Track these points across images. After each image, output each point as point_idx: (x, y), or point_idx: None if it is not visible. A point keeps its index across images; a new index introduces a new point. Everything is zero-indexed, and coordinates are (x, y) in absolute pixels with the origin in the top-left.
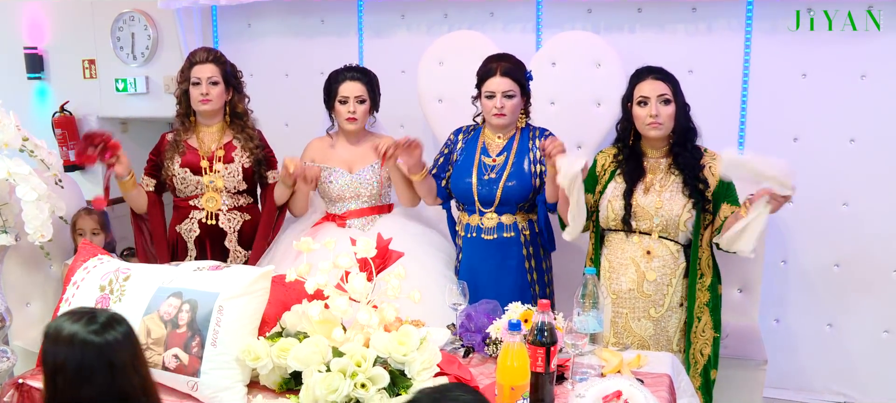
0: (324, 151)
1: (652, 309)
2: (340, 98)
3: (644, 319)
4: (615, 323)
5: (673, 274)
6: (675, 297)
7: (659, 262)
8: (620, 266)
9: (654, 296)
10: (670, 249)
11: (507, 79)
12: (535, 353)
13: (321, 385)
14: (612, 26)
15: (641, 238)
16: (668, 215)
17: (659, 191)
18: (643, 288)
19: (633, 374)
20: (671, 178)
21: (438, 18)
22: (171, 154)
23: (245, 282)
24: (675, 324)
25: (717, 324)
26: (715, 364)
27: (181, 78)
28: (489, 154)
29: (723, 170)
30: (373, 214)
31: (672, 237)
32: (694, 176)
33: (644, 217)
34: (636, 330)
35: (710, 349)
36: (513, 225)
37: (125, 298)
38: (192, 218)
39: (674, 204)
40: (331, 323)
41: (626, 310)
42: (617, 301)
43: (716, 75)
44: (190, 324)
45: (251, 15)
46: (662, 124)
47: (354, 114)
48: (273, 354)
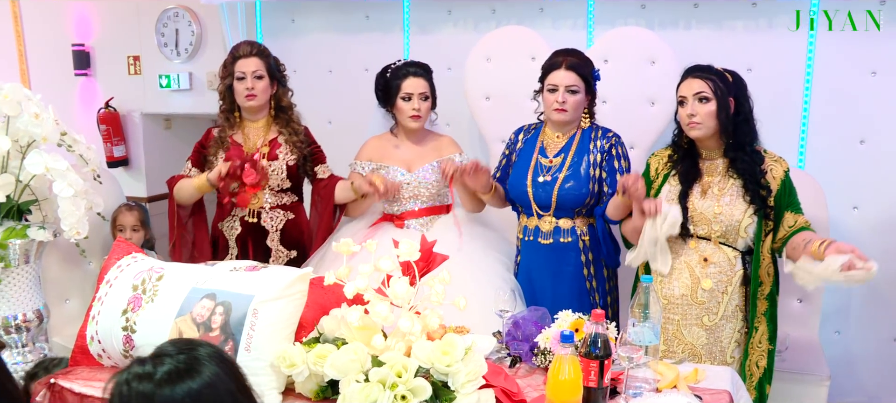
0: (381, 150)
1: (705, 317)
2: (403, 95)
3: (696, 327)
4: (665, 330)
5: (729, 282)
6: (730, 305)
7: (715, 269)
8: (674, 270)
9: (708, 304)
10: (728, 256)
11: (573, 74)
12: (588, 367)
13: (359, 397)
14: (666, 22)
15: (698, 243)
16: (728, 221)
17: (717, 196)
18: (697, 296)
19: (691, 390)
20: (730, 182)
21: (486, 14)
22: (215, 150)
23: (282, 285)
24: (730, 334)
25: (773, 336)
26: (769, 378)
27: (224, 73)
28: (547, 154)
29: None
30: (432, 215)
31: (731, 243)
32: (755, 181)
33: (702, 222)
34: (688, 339)
35: (765, 361)
36: (571, 231)
37: (158, 298)
38: (234, 215)
39: (734, 209)
40: (371, 329)
41: (678, 317)
42: (668, 306)
43: (777, 74)
44: (223, 327)
45: (295, 10)
46: (701, 123)
47: (419, 111)
48: (309, 361)
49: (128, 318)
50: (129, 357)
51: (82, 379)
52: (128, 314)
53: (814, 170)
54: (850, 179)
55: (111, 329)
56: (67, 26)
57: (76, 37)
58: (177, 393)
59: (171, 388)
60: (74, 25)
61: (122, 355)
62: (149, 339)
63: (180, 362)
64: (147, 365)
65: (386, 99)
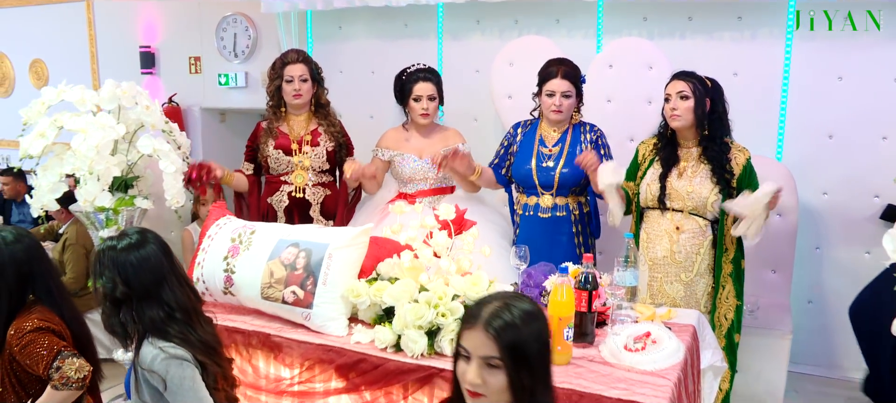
0: (398, 140)
1: (682, 273)
2: (415, 96)
3: (676, 282)
4: (651, 286)
5: (701, 245)
6: (702, 264)
7: (687, 235)
8: (656, 237)
9: (684, 263)
10: (699, 224)
11: (566, 82)
12: (580, 296)
13: (411, 314)
14: (664, 33)
15: (674, 215)
16: (697, 197)
17: (690, 177)
18: (675, 256)
19: (663, 323)
20: (701, 166)
21: (510, 24)
22: (265, 138)
23: (350, 236)
24: (703, 289)
25: (739, 293)
26: (738, 328)
27: (274, 75)
28: (546, 144)
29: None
30: (438, 194)
31: (701, 214)
32: (721, 167)
33: (677, 198)
34: (669, 292)
35: (733, 314)
36: (565, 206)
37: (252, 247)
38: (282, 191)
39: (703, 188)
40: (418, 269)
41: (661, 275)
42: (653, 266)
43: (758, 78)
44: (305, 267)
45: (342, 19)
46: (680, 116)
47: (427, 110)
48: (371, 293)
49: (228, 263)
50: (229, 293)
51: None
52: (228, 259)
53: (789, 161)
54: (820, 169)
55: (214, 271)
56: (135, 30)
57: (143, 39)
58: (130, 257)
59: (126, 254)
60: (142, 30)
61: (222, 291)
62: (245, 278)
63: (133, 238)
64: (114, 240)
65: (401, 98)
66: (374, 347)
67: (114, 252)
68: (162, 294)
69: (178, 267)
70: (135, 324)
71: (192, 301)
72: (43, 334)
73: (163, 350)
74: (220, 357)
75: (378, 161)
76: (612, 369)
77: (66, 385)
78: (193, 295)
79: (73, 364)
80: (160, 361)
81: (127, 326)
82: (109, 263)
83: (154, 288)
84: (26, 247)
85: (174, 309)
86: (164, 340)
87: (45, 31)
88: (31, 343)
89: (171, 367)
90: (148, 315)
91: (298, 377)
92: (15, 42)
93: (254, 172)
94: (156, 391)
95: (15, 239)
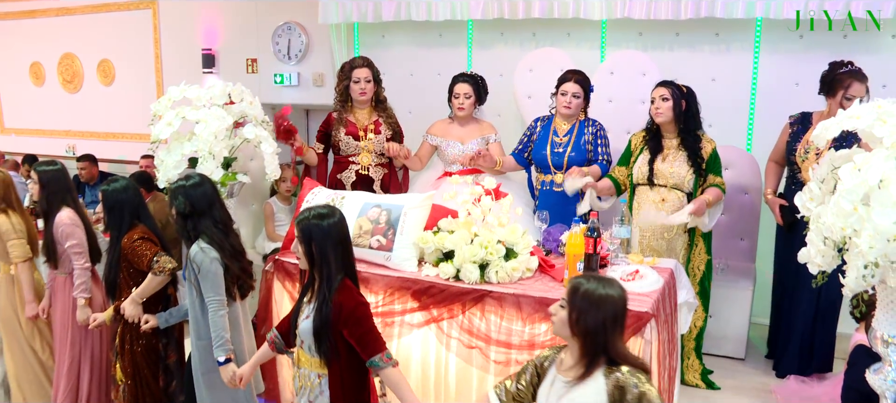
0: (444, 129)
1: (665, 233)
2: (455, 94)
3: (661, 240)
4: (640, 243)
5: (679, 211)
6: (680, 226)
7: (669, 204)
8: (643, 205)
9: (668, 224)
10: (678, 196)
11: (577, 86)
12: (588, 242)
13: (468, 252)
14: (655, 46)
15: (659, 189)
16: (676, 176)
17: (671, 161)
18: (659, 220)
19: (648, 267)
20: (680, 153)
21: (528, 36)
22: (337, 126)
23: (419, 199)
24: (681, 245)
25: (709, 249)
26: (709, 278)
27: (343, 76)
28: (558, 135)
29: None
30: (474, 173)
31: (680, 189)
32: (695, 153)
33: (661, 177)
34: (655, 247)
35: (704, 266)
36: None
37: (344, 208)
38: (350, 169)
39: (680, 169)
40: (471, 223)
41: (648, 234)
42: (643, 228)
43: (732, 83)
44: (386, 222)
45: (385, 30)
46: (662, 114)
47: (463, 106)
48: (436, 241)
49: None
50: None
51: (292, 256)
52: None
53: (757, 150)
54: None
55: None
56: (197, 34)
57: (204, 43)
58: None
59: (191, 187)
60: (203, 34)
61: None
62: None
63: (195, 178)
64: (183, 179)
65: (448, 97)
66: (440, 278)
67: (184, 184)
68: (212, 213)
69: (220, 200)
70: (193, 230)
71: (228, 223)
72: (146, 242)
73: (203, 249)
74: (242, 261)
75: (427, 145)
76: None
77: (162, 273)
78: (228, 221)
79: (166, 259)
80: (199, 255)
81: (189, 232)
82: (181, 192)
83: (206, 209)
84: (133, 192)
85: (217, 224)
86: (207, 243)
87: (113, 34)
88: (140, 246)
89: (205, 260)
90: (200, 225)
91: (382, 301)
92: (84, 44)
93: (323, 151)
94: (194, 274)
95: (125, 187)
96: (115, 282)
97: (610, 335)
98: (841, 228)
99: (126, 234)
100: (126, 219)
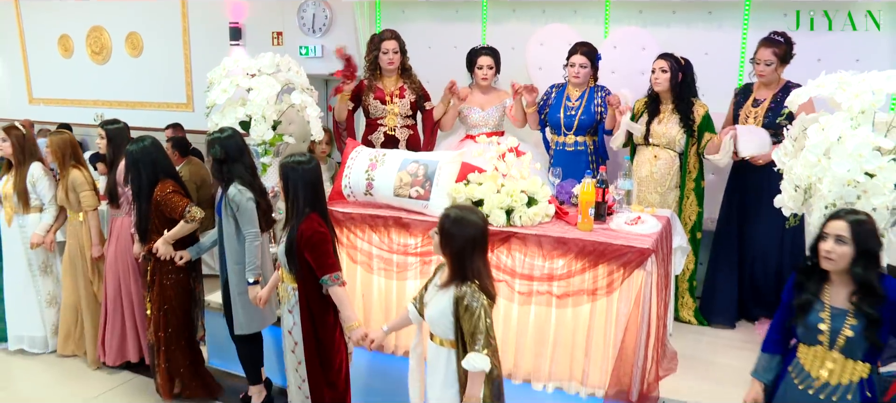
0: (465, 95)
1: (660, 186)
2: (478, 65)
3: (655, 193)
4: (639, 195)
5: (671, 168)
6: (673, 181)
7: (662, 162)
8: (642, 163)
9: (660, 180)
10: (671, 154)
11: (584, 57)
12: (598, 191)
13: (497, 199)
14: (655, 22)
15: (654, 148)
16: (669, 136)
17: (666, 123)
18: (653, 175)
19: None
20: (674, 116)
21: (538, 12)
22: (367, 92)
23: (452, 156)
24: (674, 197)
25: (700, 202)
26: (699, 228)
27: (372, 47)
28: (570, 100)
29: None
30: (494, 136)
31: (672, 148)
32: (687, 116)
33: (656, 137)
34: (650, 199)
35: (695, 217)
36: (583, 142)
37: (386, 164)
38: (379, 130)
39: (673, 130)
40: (497, 175)
41: (644, 188)
42: (640, 182)
43: (723, 57)
44: (424, 175)
45: (405, 5)
46: (661, 82)
47: (486, 76)
48: (466, 191)
49: (368, 174)
50: (369, 194)
51: (339, 205)
52: (368, 172)
53: None
54: None
55: (359, 180)
56: (224, 8)
57: (231, 17)
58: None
59: (225, 139)
60: (230, 7)
61: (363, 193)
62: (382, 183)
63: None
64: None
65: (469, 67)
66: None
67: (219, 136)
68: (242, 159)
69: (248, 149)
70: (227, 174)
71: (254, 169)
72: (177, 193)
73: (240, 190)
74: (266, 198)
75: (452, 110)
76: (617, 233)
77: (192, 221)
78: (254, 167)
79: (196, 209)
80: (238, 195)
81: (223, 175)
82: (216, 142)
83: (238, 155)
84: (157, 149)
85: (247, 169)
86: (241, 185)
87: (142, 7)
88: (173, 197)
89: (242, 199)
90: (234, 169)
91: (420, 243)
92: (113, 16)
93: (353, 109)
94: (232, 211)
95: (152, 143)
96: (147, 229)
97: (470, 254)
98: (808, 177)
99: (157, 187)
100: (144, 176)
